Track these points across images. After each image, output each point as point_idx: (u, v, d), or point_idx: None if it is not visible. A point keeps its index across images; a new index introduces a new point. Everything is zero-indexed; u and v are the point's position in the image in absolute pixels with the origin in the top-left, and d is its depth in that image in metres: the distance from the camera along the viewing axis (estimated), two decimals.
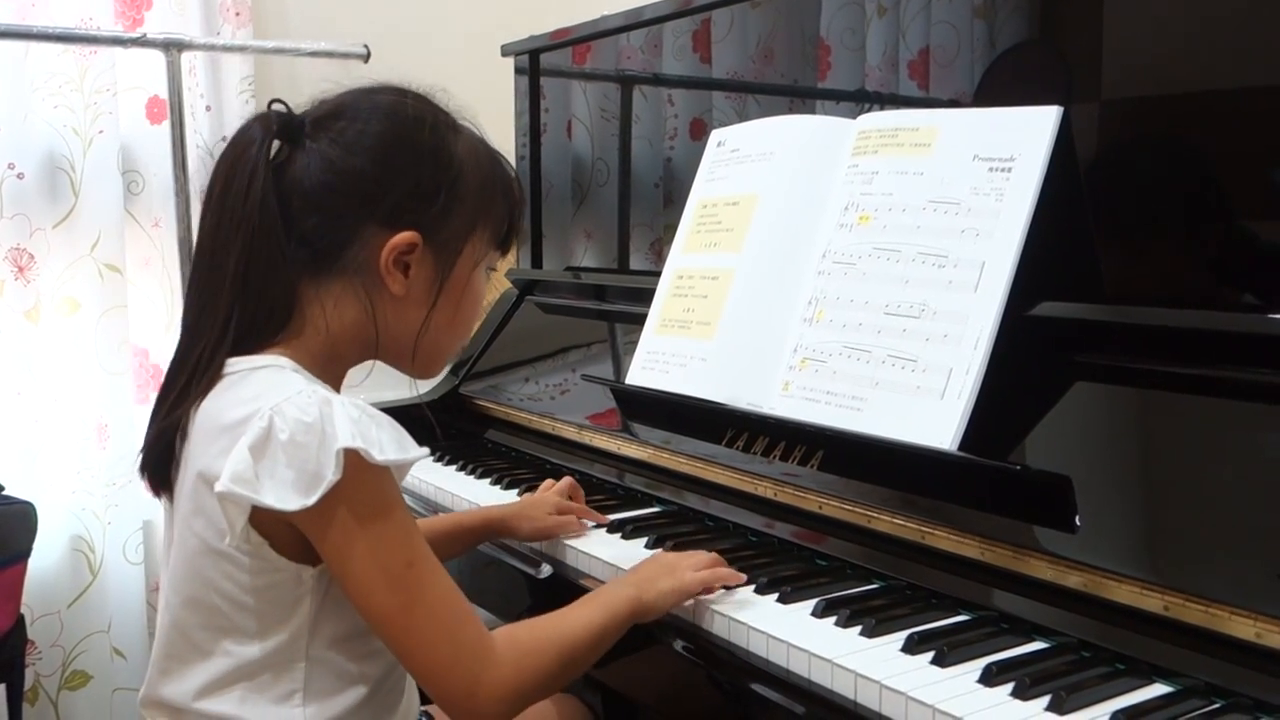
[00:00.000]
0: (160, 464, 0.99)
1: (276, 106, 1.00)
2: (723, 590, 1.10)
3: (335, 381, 1.03)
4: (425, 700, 1.23)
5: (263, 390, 0.92)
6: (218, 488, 0.88)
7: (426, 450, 0.96)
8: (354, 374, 1.07)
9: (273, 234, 0.96)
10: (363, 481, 0.89)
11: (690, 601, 1.09)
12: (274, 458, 0.88)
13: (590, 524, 1.34)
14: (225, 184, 0.97)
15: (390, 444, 0.91)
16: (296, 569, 0.93)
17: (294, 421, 0.88)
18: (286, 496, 0.88)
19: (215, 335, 0.96)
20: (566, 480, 1.39)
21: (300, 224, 0.97)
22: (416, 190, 0.98)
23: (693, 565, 1.09)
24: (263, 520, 0.91)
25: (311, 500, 0.87)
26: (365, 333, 1.01)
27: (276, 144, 0.98)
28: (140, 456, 1.00)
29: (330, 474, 0.87)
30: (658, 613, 1.06)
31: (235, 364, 0.96)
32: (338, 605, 0.95)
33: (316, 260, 0.99)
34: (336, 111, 1.00)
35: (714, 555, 1.13)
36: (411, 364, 1.05)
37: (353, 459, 0.88)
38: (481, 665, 0.93)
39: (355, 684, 0.97)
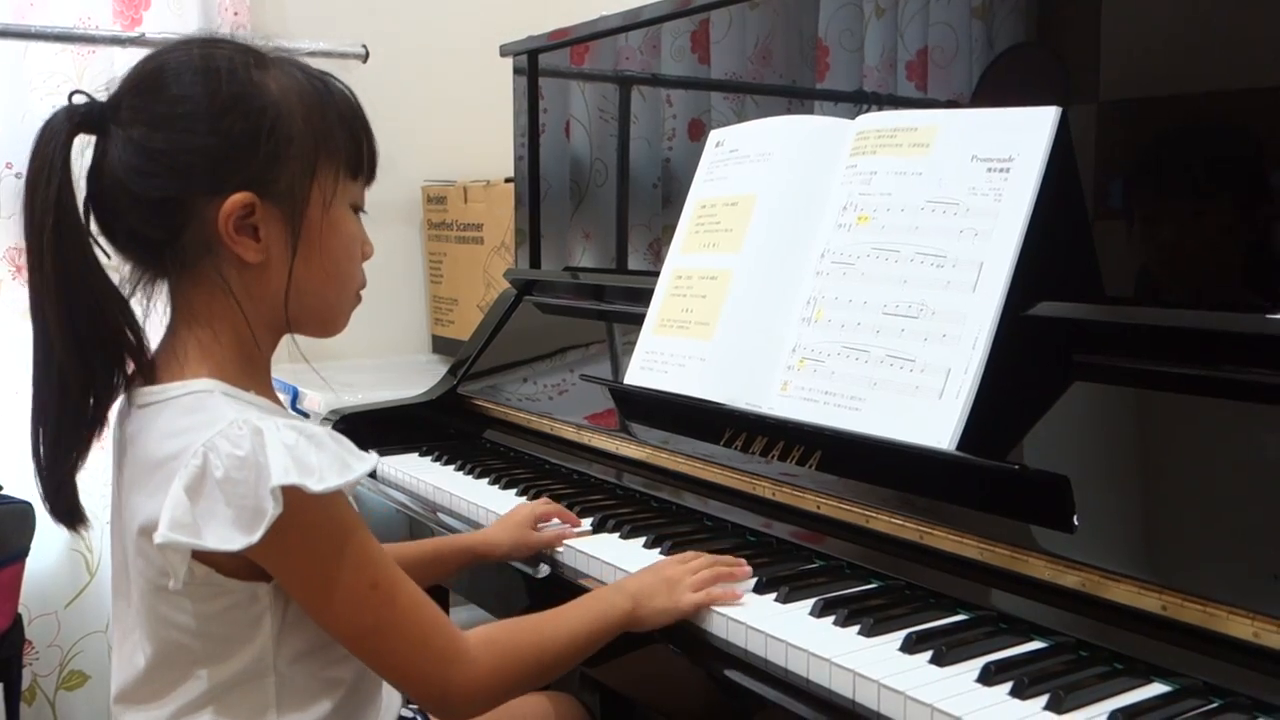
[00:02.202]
0: (70, 511, 0.95)
1: (77, 98, 0.91)
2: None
3: (265, 379, 0.98)
4: None
5: (192, 422, 0.87)
6: (157, 539, 0.84)
7: (373, 461, 0.92)
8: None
9: (79, 241, 0.89)
10: (308, 512, 0.86)
11: None
12: (211, 497, 0.84)
13: (573, 528, 1.33)
14: (30, 195, 0.89)
15: (331, 467, 0.87)
16: (250, 588, 0.90)
17: (228, 457, 0.84)
18: (229, 536, 0.84)
19: (71, 381, 0.90)
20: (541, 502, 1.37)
21: (126, 220, 0.90)
22: (232, 146, 0.89)
23: (692, 583, 1.07)
24: (203, 552, 0.87)
25: (255, 537, 0.84)
26: (243, 317, 0.93)
27: (90, 143, 0.90)
28: (49, 511, 0.95)
29: (271, 509, 0.83)
30: (650, 627, 1.06)
31: (159, 390, 0.91)
32: (302, 617, 0.93)
33: (162, 256, 0.92)
34: (132, 85, 0.91)
35: (715, 570, 1.09)
36: (298, 327, 0.97)
37: (292, 492, 0.84)
38: (453, 669, 0.93)
39: (329, 691, 0.96)
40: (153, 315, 0.96)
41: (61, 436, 0.92)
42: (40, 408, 0.92)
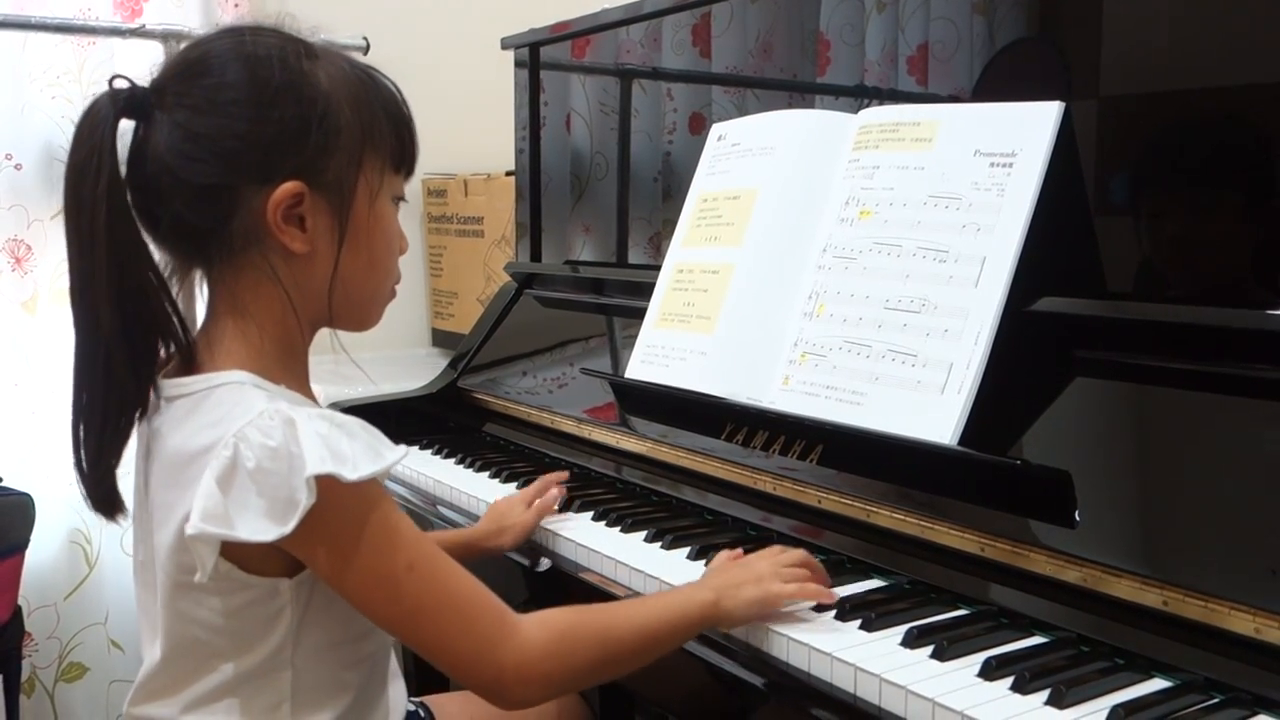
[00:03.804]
0: (109, 499, 0.94)
1: (119, 82, 0.91)
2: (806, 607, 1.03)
3: (300, 373, 0.98)
4: (422, 690, 1.23)
5: (224, 414, 0.87)
6: (189, 529, 0.84)
7: (404, 452, 0.91)
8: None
9: (130, 225, 0.89)
10: (341, 500, 0.85)
11: None
12: (243, 488, 0.84)
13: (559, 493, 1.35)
14: (76, 178, 0.88)
15: (364, 455, 0.86)
16: (271, 584, 0.90)
17: (259, 447, 0.84)
18: (261, 527, 0.83)
19: (119, 361, 0.89)
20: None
21: (171, 206, 0.89)
22: (283, 134, 0.90)
23: (781, 575, 1.02)
24: (231, 545, 0.86)
25: (289, 528, 0.83)
26: (291, 307, 0.94)
27: (132, 127, 0.90)
28: (89, 502, 0.94)
29: (304, 499, 0.83)
30: (736, 623, 1.01)
31: (191, 382, 0.91)
32: (321, 614, 0.92)
33: (205, 244, 0.91)
34: (179, 71, 0.91)
35: (805, 556, 1.06)
36: (337, 320, 0.98)
37: (326, 481, 0.83)
38: (504, 650, 0.90)
39: (342, 691, 0.95)
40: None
41: (108, 423, 0.91)
42: (84, 395, 0.91)
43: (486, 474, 1.58)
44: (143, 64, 2.23)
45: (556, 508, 1.35)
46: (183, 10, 2.20)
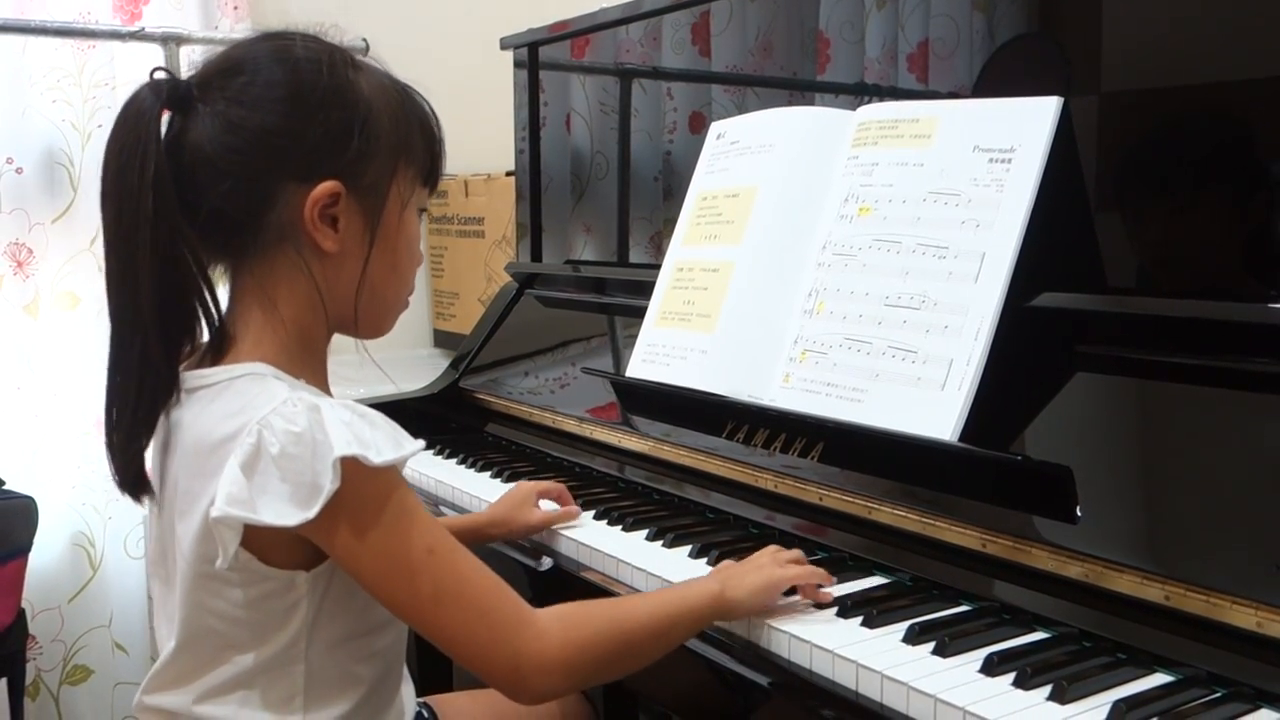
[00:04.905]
0: (138, 481, 0.95)
1: (159, 74, 0.93)
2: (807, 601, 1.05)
3: (319, 369, 1.00)
4: (425, 690, 1.23)
5: (246, 402, 0.88)
6: (214, 513, 0.85)
7: (422, 443, 0.93)
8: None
9: (174, 212, 0.89)
10: (364, 485, 0.86)
11: None
12: (266, 473, 0.85)
13: (578, 513, 1.34)
14: (119, 166, 0.89)
15: (386, 442, 0.88)
16: (288, 576, 0.90)
17: (283, 433, 0.85)
18: (285, 512, 0.84)
19: (154, 345, 0.91)
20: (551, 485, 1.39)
21: (209, 197, 0.91)
22: (327, 135, 0.92)
23: (780, 560, 1.05)
24: (251, 536, 0.87)
25: (312, 512, 0.84)
26: (319, 304, 0.96)
27: (167, 117, 0.92)
28: (117, 480, 0.95)
29: (329, 483, 0.84)
30: (743, 612, 1.02)
31: (212, 374, 0.93)
32: (336, 607, 0.93)
33: (238, 236, 0.93)
34: (224, 68, 0.93)
35: (805, 563, 1.08)
36: (356, 324, 0.99)
37: (350, 465, 0.85)
38: (521, 639, 0.90)
39: (354, 686, 0.96)
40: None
41: (140, 406, 0.92)
42: (118, 378, 0.93)
43: (489, 474, 1.58)
44: (143, 66, 2.23)
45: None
46: (182, 12, 2.20)
